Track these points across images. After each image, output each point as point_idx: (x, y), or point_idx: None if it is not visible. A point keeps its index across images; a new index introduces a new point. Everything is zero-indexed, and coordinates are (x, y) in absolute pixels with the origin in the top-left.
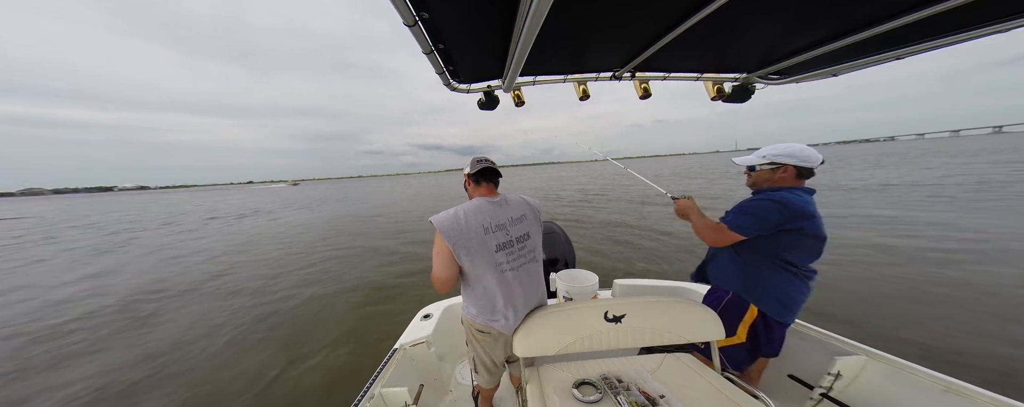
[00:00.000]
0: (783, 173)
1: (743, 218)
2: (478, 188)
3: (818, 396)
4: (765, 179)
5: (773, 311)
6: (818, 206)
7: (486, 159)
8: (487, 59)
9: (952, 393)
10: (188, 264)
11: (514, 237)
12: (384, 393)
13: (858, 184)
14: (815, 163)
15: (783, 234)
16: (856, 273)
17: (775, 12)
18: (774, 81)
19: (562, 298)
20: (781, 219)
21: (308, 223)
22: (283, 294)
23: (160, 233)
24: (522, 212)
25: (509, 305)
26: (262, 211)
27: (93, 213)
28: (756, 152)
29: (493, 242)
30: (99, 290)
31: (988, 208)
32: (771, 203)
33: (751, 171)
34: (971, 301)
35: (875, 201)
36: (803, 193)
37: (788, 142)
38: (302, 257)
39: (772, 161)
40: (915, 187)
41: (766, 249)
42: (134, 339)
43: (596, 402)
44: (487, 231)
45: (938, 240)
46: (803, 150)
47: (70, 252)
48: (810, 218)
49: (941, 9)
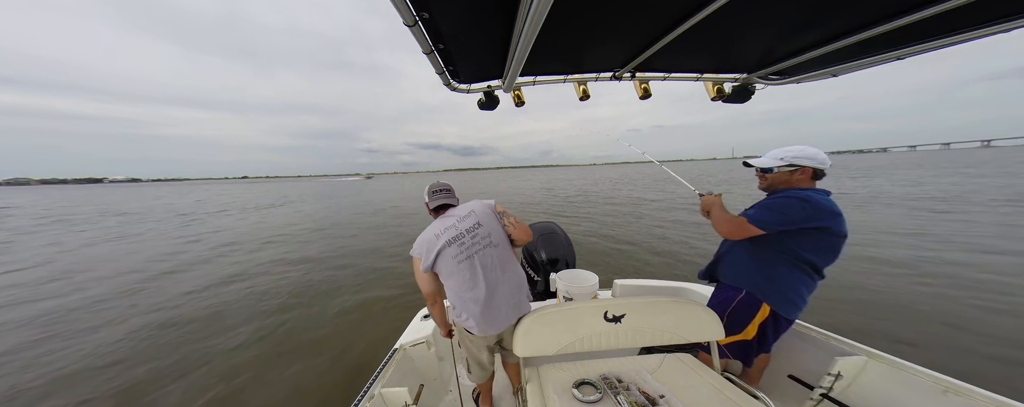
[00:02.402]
0: (801, 175)
1: (766, 213)
2: (434, 214)
3: (818, 396)
4: (782, 181)
5: (784, 309)
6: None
7: (443, 189)
8: (487, 59)
9: (952, 393)
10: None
11: (463, 230)
12: (384, 393)
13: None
14: (827, 165)
15: (806, 232)
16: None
17: (775, 12)
18: (774, 81)
19: (562, 298)
20: (805, 216)
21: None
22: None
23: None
24: (469, 210)
25: (472, 295)
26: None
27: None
28: (769, 154)
29: (443, 240)
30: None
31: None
32: (796, 200)
33: (767, 173)
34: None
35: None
36: (822, 194)
37: (802, 145)
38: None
39: (791, 163)
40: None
41: (786, 248)
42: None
43: (596, 402)
44: (438, 236)
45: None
46: (818, 152)
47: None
48: (837, 216)
49: (941, 9)
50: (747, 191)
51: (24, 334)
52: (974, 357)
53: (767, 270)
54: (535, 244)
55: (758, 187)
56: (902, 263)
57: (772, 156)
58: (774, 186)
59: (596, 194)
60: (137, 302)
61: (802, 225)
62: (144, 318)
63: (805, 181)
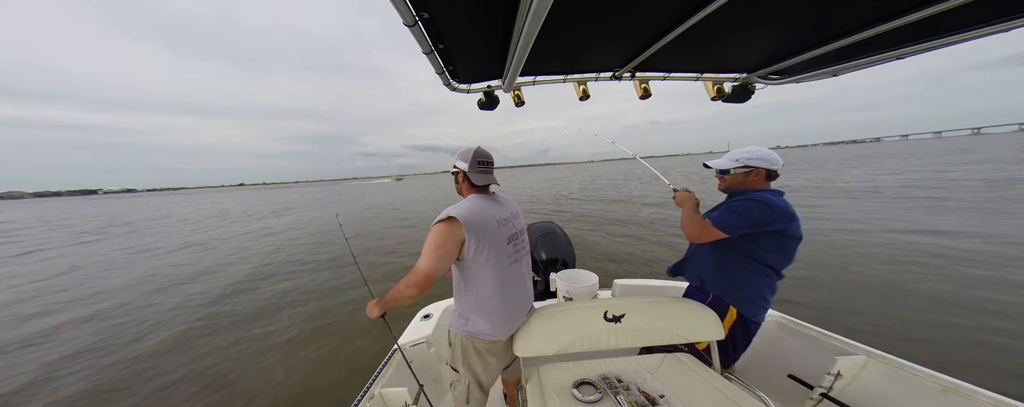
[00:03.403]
0: (755, 176)
1: (728, 216)
2: (473, 189)
3: (818, 396)
4: (739, 182)
5: (751, 312)
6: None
7: (488, 161)
8: (487, 59)
9: (952, 393)
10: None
11: (518, 230)
12: (384, 393)
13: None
14: (780, 165)
15: (765, 235)
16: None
17: (775, 12)
18: (774, 81)
19: (562, 298)
20: (765, 219)
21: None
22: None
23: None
24: (515, 210)
25: (509, 302)
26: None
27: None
28: (727, 156)
29: (505, 233)
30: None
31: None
32: (756, 203)
33: (724, 175)
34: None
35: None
36: (777, 195)
37: (754, 146)
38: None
39: (746, 164)
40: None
41: (748, 251)
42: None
43: (596, 402)
44: (500, 224)
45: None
46: (770, 153)
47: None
48: (792, 219)
49: (941, 9)
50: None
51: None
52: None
53: (731, 274)
54: (535, 244)
55: (718, 188)
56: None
57: (729, 157)
58: (732, 187)
59: (595, 191)
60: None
61: (763, 228)
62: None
63: (760, 182)
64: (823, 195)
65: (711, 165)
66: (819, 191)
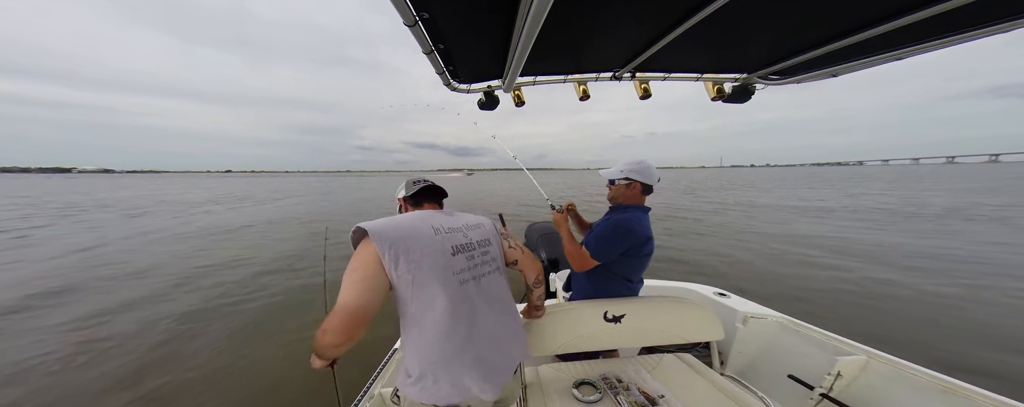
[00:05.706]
0: (632, 190)
1: (601, 245)
2: (414, 209)
3: (818, 396)
4: (620, 194)
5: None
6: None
7: (424, 179)
8: (487, 59)
9: (952, 393)
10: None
11: (474, 240)
12: (384, 393)
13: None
14: (655, 181)
15: (626, 258)
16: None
17: (775, 12)
18: (774, 81)
19: (562, 298)
20: (627, 246)
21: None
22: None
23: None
24: (479, 221)
25: (471, 340)
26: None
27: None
28: (615, 166)
29: (449, 242)
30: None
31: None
32: (619, 230)
33: (611, 184)
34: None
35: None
36: (642, 214)
37: (641, 159)
38: None
39: (627, 177)
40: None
41: (612, 269)
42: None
43: (596, 402)
44: (438, 232)
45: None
46: (649, 168)
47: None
48: (649, 240)
49: (941, 9)
50: (723, 198)
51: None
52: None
53: (600, 285)
54: (535, 244)
55: (607, 197)
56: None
57: (615, 168)
58: (615, 199)
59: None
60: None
61: (626, 253)
62: None
63: (636, 196)
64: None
65: (603, 175)
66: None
